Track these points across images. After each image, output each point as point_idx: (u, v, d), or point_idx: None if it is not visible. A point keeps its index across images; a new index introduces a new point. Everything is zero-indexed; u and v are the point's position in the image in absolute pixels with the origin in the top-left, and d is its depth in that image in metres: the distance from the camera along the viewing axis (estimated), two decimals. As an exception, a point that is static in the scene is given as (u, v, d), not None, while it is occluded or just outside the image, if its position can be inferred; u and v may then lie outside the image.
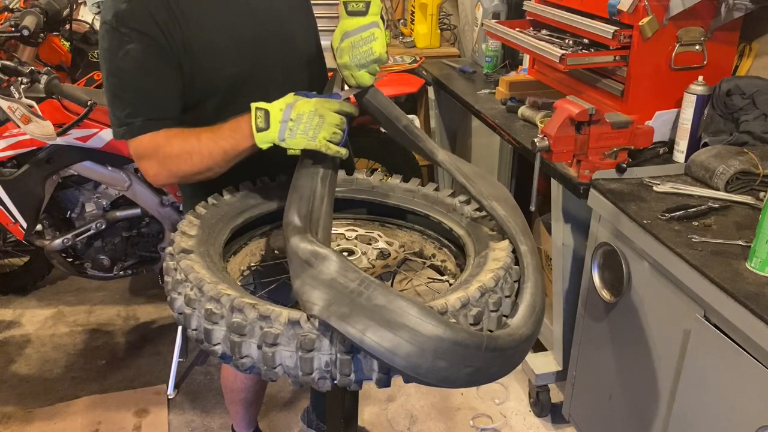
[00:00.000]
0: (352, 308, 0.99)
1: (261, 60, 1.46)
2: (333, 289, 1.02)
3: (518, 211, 1.34)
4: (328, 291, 1.02)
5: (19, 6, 2.56)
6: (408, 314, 0.98)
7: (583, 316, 2.03)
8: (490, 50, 2.88)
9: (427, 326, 0.97)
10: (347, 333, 0.97)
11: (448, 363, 0.99)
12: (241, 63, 1.43)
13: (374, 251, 1.39)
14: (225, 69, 1.42)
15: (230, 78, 1.43)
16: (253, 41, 1.44)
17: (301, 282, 1.05)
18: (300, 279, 1.06)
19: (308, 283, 1.04)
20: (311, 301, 1.01)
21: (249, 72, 1.45)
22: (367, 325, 0.97)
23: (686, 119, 1.87)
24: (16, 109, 2.05)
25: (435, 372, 0.99)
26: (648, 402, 1.75)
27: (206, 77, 1.40)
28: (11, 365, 2.64)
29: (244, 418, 2.12)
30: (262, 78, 1.47)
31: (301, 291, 1.04)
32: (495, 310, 1.14)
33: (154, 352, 2.72)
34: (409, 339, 0.97)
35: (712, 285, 1.39)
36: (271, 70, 1.48)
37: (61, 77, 2.49)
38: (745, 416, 1.36)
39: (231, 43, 1.42)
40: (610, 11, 1.94)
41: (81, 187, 2.45)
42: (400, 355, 0.97)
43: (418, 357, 0.97)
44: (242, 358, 1.06)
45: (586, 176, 1.81)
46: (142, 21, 1.32)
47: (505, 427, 2.37)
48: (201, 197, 1.38)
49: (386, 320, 0.97)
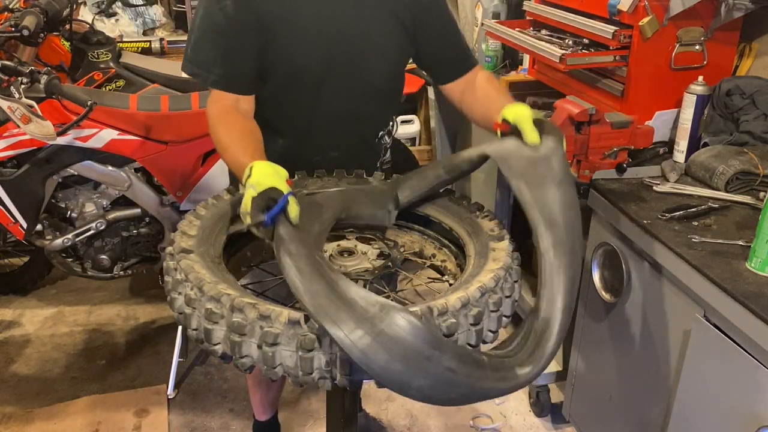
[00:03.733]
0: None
1: (330, 66, 1.50)
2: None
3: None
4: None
5: (19, 6, 2.56)
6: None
7: (583, 316, 2.03)
8: (490, 50, 2.88)
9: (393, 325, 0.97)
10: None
11: (403, 366, 0.97)
12: (309, 58, 1.48)
13: (374, 251, 1.39)
14: (298, 58, 1.48)
15: (295, 67, 1.49)
16: (330, 45, 1.48)
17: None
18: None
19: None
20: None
21: (312, 70, 1.50)
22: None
23: (686, 119, 1.87)
24: (16, 109, 2.05)
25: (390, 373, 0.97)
26: (648, 402, 1.75)
27: (278, 58, 1.47)
28: (11, 365, 2.64)
29: (264, 400, 2.14)
30: (321, 81, 1.52)
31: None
32: (495, 311, 1.14)
33: (154, 352, 2.72)
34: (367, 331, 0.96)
35: (712, 285, 1.39)
36: (335, 80, 1.53)
37: (61, 77, 2.49)
38: (745, 416, 1.36)
39: (308, 35, 1.47)
40: (610, 11, 1.94)
41: (81, 187, 2.45)
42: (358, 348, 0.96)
43: (374, 352, 0.96)
44: (242, 357, 1.06)
45: (586, 176, 1.81)
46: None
47: (505, 427, 2.37)
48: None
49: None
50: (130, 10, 4.60)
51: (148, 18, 4.68)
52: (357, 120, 1.60)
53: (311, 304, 1.00)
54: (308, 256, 1.09)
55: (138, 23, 4.62)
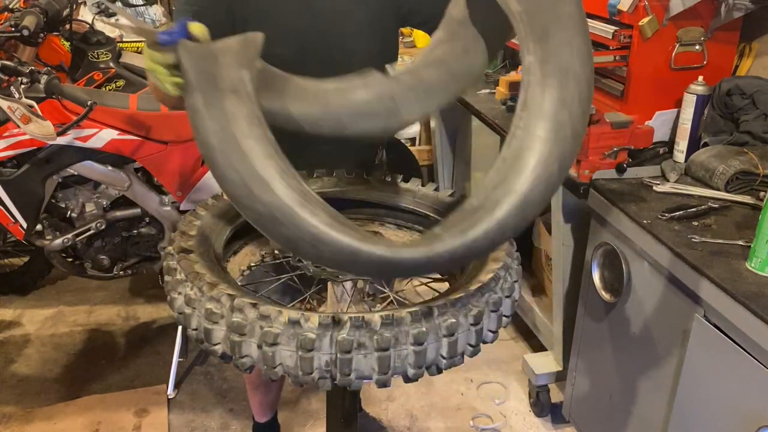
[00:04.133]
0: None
1: (308, 55, 1.49)
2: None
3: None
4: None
5: (19, 6, 2.56)
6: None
7: (583, 316, 2.03)
8: (490, 50, 2.88)
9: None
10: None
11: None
12: (285, 46, 1.47)
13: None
14: (272, 48, 1.45)
15: (272, 56, 1.47)
16: (306, 34, 1.48)
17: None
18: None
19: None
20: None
21: (290, 57, 1.46)
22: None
23: (686, 119, 1.87)
24: (16, 109, 2.05)
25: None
26: (648, 402, 1.75)
27: None
28: (11, 365, 2.64)
29: (263, 402, 2.14)
30: (301, 68, 1.49)
31: None
32: (495, 310, 1.14)
33: (154, 352, 2.71)
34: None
35: (712, 285, 1.39)
36: (315, 66, 1.47)
37: (61, 77, 2.49)
38: (745, 416, 1.36)
39: (283, 23, 1.46)
40: (610, 11, 1.94)
41: (81, 187, 2.45)
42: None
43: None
44: (242, 357, 1.06)
45: (586, 176, 1.81)
46: None
47: (505, 427, 2.37)
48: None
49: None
50: (130, 10, 4.60)
51: (148, 18, 4.67)
52: None
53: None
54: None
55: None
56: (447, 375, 2.54)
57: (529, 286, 2.65)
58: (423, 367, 1.07)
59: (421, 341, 1.04)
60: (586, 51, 0.98)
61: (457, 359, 1.10)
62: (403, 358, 1.04)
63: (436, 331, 1.05)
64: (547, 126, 0.93)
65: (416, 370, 1.06)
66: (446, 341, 1.06)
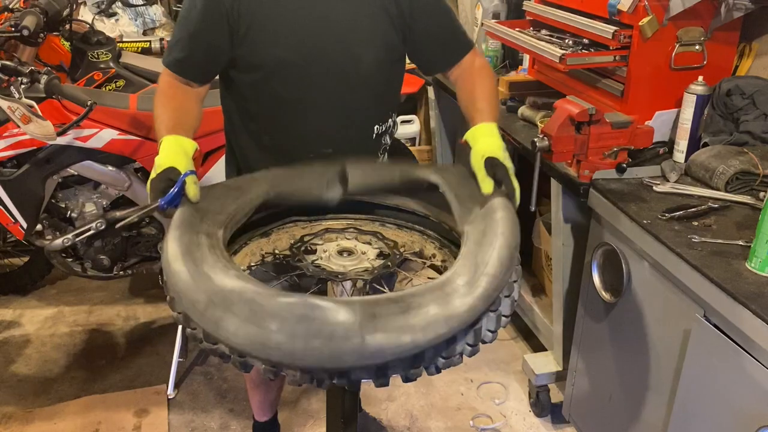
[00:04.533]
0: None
1: (314, 60, 1.50)
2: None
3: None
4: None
5: (19, 6, 2.56)
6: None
7: (583, 316, 2.03)
8: (490, 50, 2.88)
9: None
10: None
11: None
12: (289, 50, 1.49)
13: (374, 251, 1.39)
14: (273, 50, 1.49)
15: (275, 60, 1.50)
16: (304, 35, 1.49)
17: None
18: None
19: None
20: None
21: (294, 61, 1.50)
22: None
23: (686, 119, 1.87)
24: (16, 109, 2.05)
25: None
26: (648, 402, 1.75)
27: (254, 51, 1.48)
28: (11, 365, 2.64)
29: (263, 401, 2.14)
30: (305, 72, 1.52)
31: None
32: (494, 310, 1.14)
33: (154, 352, 2.72)
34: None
35: (712, 285, 1.39)
36: (320, 71, 1.53)
37: (61, 77, 2.49)
38: (745, 416, 1.36)
39: (286, 28, 1.47)
40: (610, 11, 1.94)
41: (81, 187, 2.45)
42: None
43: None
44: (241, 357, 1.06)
45: (586, 176, 1.81)
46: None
47: (505, 427, 2.37)
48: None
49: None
50: (130, 10, 4.60)
51: (148, 18, 4.67)
52: (347, 113, 1.58)
53: (172, 287, 1.07)
54: (188, 239, 1.13)
55: (138, 23, 4.61)
56: (447, 375, 2.54)
57: (529, 286, 2.65)
58: (421, 367, 1.06)
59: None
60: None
61: (455, 359, 1.09)
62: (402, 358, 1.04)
63: None
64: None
65: (414, 369, 1.06)
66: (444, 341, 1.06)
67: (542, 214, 2.48)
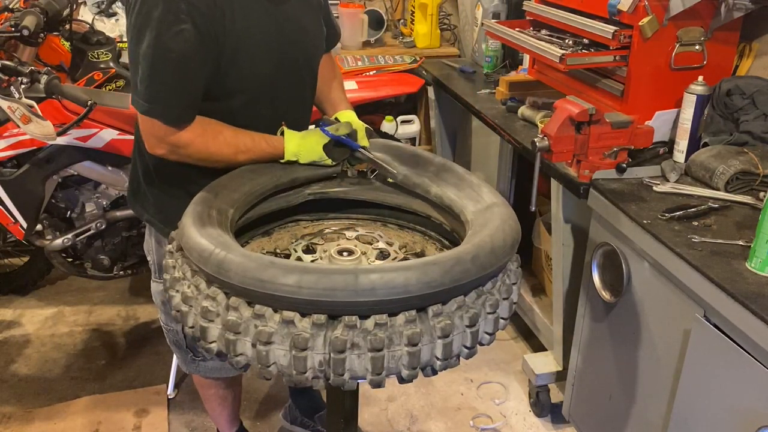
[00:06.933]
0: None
1: (286, 67, 1.53)
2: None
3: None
4: None
5: (19, 6, 2.56)
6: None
7: (583, 316, 2.03)
8: (490, 50, 2.88)
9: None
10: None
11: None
12: (272, 66, 1.49)
13: (374, 251, 1.39)
14: (259, 69, 1.48)
15: (262, 78, 1.49)
16: (281, 49, 1.50)
17: None
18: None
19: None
20: None
21: (276, 76, 1.51)
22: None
23: (686, 119, 1.87)
24: (16, 109, 2.04)
25: None
26: (648, 402, 1.75)
27: (241, 74, 1.45)
28: (11, 365, 2.64)
29: (221, 415, 2.10)
30: (285, 83, 1.55)
31: None
32: (492, 312, 1.14)
33: (154, 352, 2.71)
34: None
35: (712, 285, 1.39)
36: (292, 78, 1.56)
37: (61, 77, 2.49)
38: (745, 416, 1.36)
39: (266, 45, 1.46)
40: (610, 11, 1.94)
41: (81, 187, 2.45)
42: None
43: None
44: (237, 356, 1.06)
45: (586, 176, 1.81)
46: (206, 3, 1.33)
47: (505, 427, 2.37)
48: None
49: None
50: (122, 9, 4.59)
51: (149, 18, 4.67)
52: (306, 110, 1.67)
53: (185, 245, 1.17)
54: (201, 210, 1.25)
55: (138, 23, 4.61)
56: (447, 375, 2.54)
57: (529, 286, 2.65)
58: (417, 368, 1.06)
59: (415, 342, 1.04)
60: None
61: (452, 361, 1.09)
62: (397, 359, 1.04)
63: (431, 333, 1.05)
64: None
65: (410, 371, 1.06)
66: (441, 342, 1.06)
67: (542, 214, 2.48)
